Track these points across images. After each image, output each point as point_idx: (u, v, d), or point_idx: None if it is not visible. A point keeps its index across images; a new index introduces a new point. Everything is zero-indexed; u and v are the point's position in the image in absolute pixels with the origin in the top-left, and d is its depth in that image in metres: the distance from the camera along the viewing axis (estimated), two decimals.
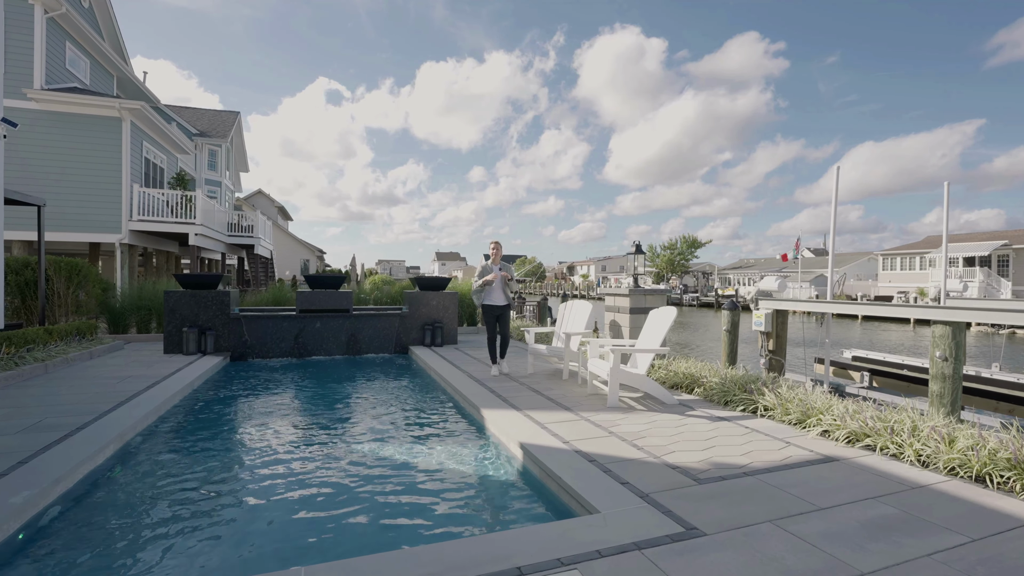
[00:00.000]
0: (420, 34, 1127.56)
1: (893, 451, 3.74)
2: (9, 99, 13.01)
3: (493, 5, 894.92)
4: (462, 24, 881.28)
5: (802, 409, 4.50)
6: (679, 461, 3.62)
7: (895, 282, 41.23)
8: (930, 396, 5.30)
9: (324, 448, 4.32)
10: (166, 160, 17.47)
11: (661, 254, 60.83)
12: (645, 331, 5.78)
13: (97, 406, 4.95)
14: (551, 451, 3.78)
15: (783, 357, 7.47)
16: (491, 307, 6.74)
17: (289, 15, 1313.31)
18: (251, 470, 3.86)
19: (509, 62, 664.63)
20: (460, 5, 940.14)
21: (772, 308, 7.42)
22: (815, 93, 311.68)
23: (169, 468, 3.86)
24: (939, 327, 5.26)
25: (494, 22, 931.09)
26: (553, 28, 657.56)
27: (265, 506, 3.25)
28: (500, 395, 5.60)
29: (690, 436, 4.20)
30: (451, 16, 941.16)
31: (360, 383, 7.01)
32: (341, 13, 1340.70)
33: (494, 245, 6.75)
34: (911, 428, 3.83)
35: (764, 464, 3.58)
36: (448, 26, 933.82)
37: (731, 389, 5.25)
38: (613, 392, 5.11)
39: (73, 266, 9.80)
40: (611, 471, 3.40)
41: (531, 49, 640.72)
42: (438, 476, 3.73)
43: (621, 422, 4.60)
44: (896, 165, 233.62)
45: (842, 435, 4.05)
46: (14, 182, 12.78)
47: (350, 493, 3.43)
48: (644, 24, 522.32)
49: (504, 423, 4.54)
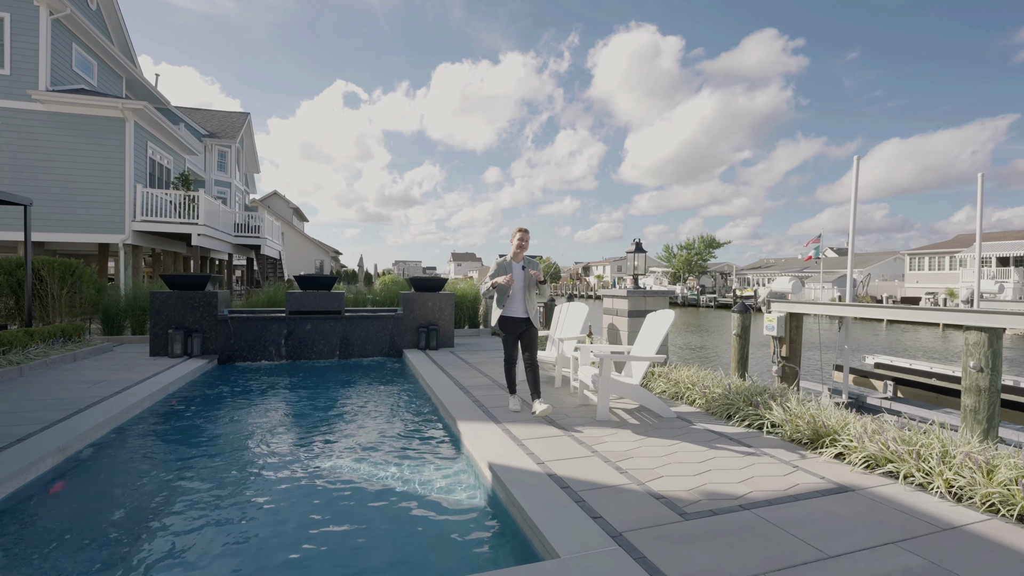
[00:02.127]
0: (437, 35, 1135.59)
1: (919, 480, 3.21)
2: (14, 100, 13.07)
3: (510, 5, 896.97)
4: (479, 25, 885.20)
5: (813, 427, 3.98)
6: (666, 489, 3.14)
7: (923, 283, 39.66)
8: (963, 412, 4.71)
9: (276, 471, 3.92)
10: (173, 161, 17.47)
11: (678, 254, 59.67)
12: (641, 337, 5.30)
13: (50, 414, 4.67)
14: (521, 474, 3.34)
15: (797, 364, 6.90)
16: (511, 320, 4.82)
17: (309, 19, 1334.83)
18: (187, 497, 3.50)
19: (524, 63, 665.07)
20: (477, 5, 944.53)
21: (785, 311, 6.85)
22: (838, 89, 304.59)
23: (103, 489, 3.53)
24: (973, 334, 4.67)
25: (511, 22, 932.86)
26: (569, 28, 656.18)
27: (180, 548, 2.88)
28: (483, 405, 5.17)
29: (683, 457, 3.71)
30: (468, 17, 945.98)
31: (343, 390, 6.65)
32: (359, 16, 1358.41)
33: (519, 234, 4.89)
34: (941, 453, 3.29)
35: (765, 494, 3.08)
36: (465, 27, 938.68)
37: (735, 401, 4.73)
38: (602, 404, 4.64)
39: (67, 266, 9.67)
40: (584, 501, 2.95)
41: (547, 50, 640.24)
42: (393, 504, 3.32)
43: (608, 439, 4.13)
44: (923, 162, 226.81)
45: (859, 459, 3.53)
46: (19, 182, 12.82)
47: (279, 527, 3.04)
48: (661, 22, 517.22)
49: (479, 438, 4.11)
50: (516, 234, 4.93)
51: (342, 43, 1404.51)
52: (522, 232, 4.93)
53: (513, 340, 4.87)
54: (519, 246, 4.89)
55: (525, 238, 4.92)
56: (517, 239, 4.90)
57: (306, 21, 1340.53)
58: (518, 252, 4.89)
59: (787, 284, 9.19)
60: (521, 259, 4.94)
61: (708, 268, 60.66)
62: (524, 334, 4.85)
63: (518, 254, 4.91)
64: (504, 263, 4.91)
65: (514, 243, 4.90)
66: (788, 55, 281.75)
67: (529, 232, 4.96)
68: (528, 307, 4.82)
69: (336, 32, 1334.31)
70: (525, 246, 4.92)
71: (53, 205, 13.29)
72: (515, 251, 4.90)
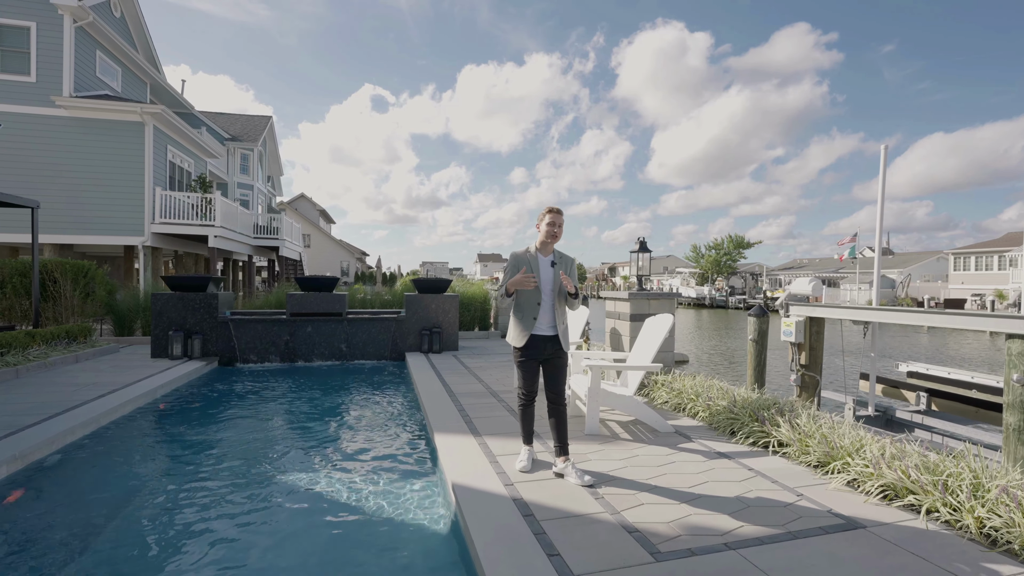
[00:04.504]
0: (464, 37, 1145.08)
1: (946, 516, 2.73)
2: (39, 106, 13.47)
3: (537, 5, 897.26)
4: (507, 26, 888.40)
5: (824, 447, 3.51)
6: (643, 520, 2.76)
7: (969, 283, 37.44)
8: (1005, 432, 4.14)
9: (235, 489, 3.68)
10: (193, 164, 17.79)
11: (706, 254, 58.11)
12: (638, 343, 4.90)
13: (23, 419, 4.57)
14: (483, 498, 3.01)
15: (818, 373, 6.34)
16: (534, 340, 3.35)
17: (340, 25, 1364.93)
18: (135, 512, 3.30)
19: (550, 63, 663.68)
20: (505, 6, 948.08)
21: (805, 315, 6.31)
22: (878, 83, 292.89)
23: (49, 504, 3.36)
24: (1016, 343, 4.10)
25: (539, 22, 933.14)
26: (595, 27, 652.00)
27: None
28: (467, 415, 4.86)
29: (671, 481, 3.31)
30: (496, 18, 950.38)
31: (334, 396, 6.44)
32: (389, 20, 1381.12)
33: (549, 216, 3.40)
34: (972, 485, 2.81)
35: (758, 529, 2.67)
36: (492, 28, 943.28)
37: (740, 416, 4.28)
38: (591, 416, 4.26)
39: (79, 268, 9.82)
40: (545, 534, 2.59)
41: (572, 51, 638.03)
42: (349, 530, 3.03)
43: (592, 456, 3.76)
44: (969, 157, 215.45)
45: (875, 488, 3.06)
46: (44, 185, 13.20)
47: (211, 548, 2.79)
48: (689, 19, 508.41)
49: (453, 453, 3.80)
50: (545, 216, 3.40)
51: (371, 48, 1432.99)
52: (553, 213, 3.38)
53: (534, 368, 3.39)
54: (549, 233, 3.37)
55: (557, 222, 3.37)
56: (547, 223, 3.37)
57: (337, 27, 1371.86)
58: (547, 242, 3.39)
59: (807, 286, 8.49)
60: (551, 252, 3.42)
61: (738, 269, 58.90)
62: (550, 361, 3.39)
63: (547, 244, 3.39)
64: (523, 256, 3.39)
65: (542, 228, 3.39)
66: (821, 50, 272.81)
67: (563, 215, 3.42)
68: (557, 321, 3.35)
69: (365, 37, 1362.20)
70: (558, 233, 3.38)
71: (77, 208, 13.64)
72: (543, 240, 3.39)
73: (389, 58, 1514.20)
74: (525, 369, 3.40)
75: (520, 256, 3.41)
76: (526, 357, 3.38)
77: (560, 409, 3.41)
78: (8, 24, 13.36)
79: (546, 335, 3.35)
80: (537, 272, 3.33)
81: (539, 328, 3.34)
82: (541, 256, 3.40)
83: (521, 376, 3.43)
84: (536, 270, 3.34)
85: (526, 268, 3.33)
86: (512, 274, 3.35)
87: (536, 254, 3.40)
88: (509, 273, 3.39)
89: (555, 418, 3.40)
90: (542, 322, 3.34)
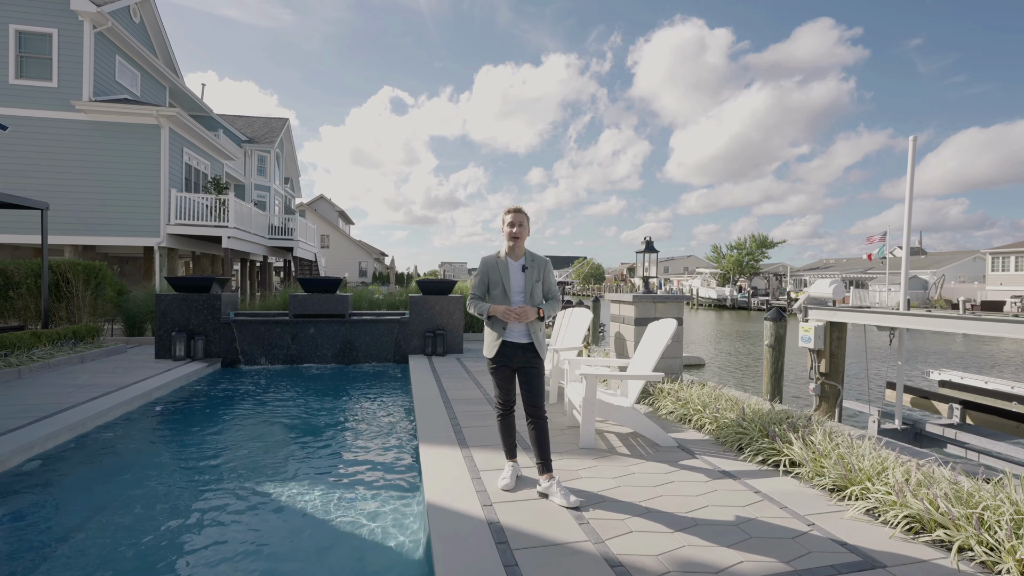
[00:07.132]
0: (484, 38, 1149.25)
1: (981, 556, 2.38)
2: (60, 111, 13.74)
3: (557, 4, 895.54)
4: (526, 26, 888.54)
5: (841, 469, 3.16)
6: (629, 551, 2.47)
7: (1008, 284, 35.73)
8: None
9: (214, 497, 3.53)
10: (210, 166, 18.00)
11: (728, 255, 56.81)
12: (639, 350, 4.59)
13: (8, 422, 4.50)
14: (456, 520, 2.76)
15: (840, 382, 5.92)
16: (505, 348, 3.17)
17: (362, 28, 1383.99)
18: (107, 527, 3.14)
19: (567, 63, 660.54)
20: (524, 6, 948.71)
21: (825, 320, 5.89)
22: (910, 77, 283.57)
23: (23, 514, 3.23)
24: None
25: (558, 21, 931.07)
26: (614, 25, 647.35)
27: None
28: (457, 424, 4.62)
29: (668, 503, 3.01)
30: (515, 18, 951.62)
31: (331, 401, 6.28)
32: (409, 22, 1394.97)
33: (509, 216, 3.20)
34: (1013, 521, 2.44)
35: (759, 566, 2.35)
36: (512, 28, 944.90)
37: (749, 430, 3.94)
38: (586, 429, 3.98)
39: (91, 269, 9.92)
40: (517, 566, 2.33)
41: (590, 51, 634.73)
42: (321, 550, 2.82)
43: (584, 473, 3.48)
44: (1007, 152, 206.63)
45: (899, 518, 2.71)
46: (63, 187, 13.46)
47: (180, 559, 2.60)
48: (708, 15, 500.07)
49: (436, 466, 3.56)
50: (505, 216, 3.21)
51: (390, 51, 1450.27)
52: (512, 213, 3.18)
53: (508, 376, 3.21)
54: (510, 235, 3.17)
55: (518, 220, 3.17)
56: (507, 223, 3.18)
57: (359, 31, 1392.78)
58: (512, 244, 3.18)
59: (828, 289, 8.00)
60: (521, 255, 3.22)
61: (761, 269, 57.46)
62: (524, 369, 3.18)
63: (513, 247, 3.19)
64: (492, 261, 3.21)
65: (504, 230, 3.20)
66: (846, 45, 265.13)
67: (525, 213, 3.21)
68: (532, 328, 3.16)
69: (386, 39, 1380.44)
70: (519, 233, 3.16)
71: (97, 210, 13.89)
72: (508, 244, 3.20)
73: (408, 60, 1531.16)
74: (498, 377, 3.24)
75: (489, 262, 3.24)
76: (497, 364, 3.21)
77: (539, 422, 3.15)
78: (31, 31, 13.67)
79: (519, 343, 3.16)
80: (507, 278, 3.17)
81: (511, 335, 3.15)
82: (511, 260, 3.22)
83: (495, 385, 3.28)
84: (506, 276, 3.18)
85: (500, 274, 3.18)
86: (482, 279, 3.25)
87: (506, 259, 3.22)
88: (478, 279, 3.27)
89: (535, 432, 3.15)
90: (514, 328, 3.15)
